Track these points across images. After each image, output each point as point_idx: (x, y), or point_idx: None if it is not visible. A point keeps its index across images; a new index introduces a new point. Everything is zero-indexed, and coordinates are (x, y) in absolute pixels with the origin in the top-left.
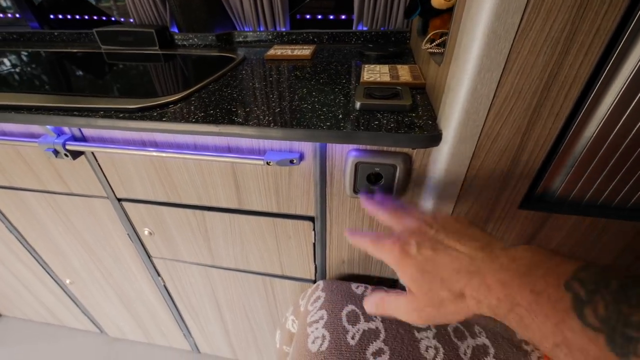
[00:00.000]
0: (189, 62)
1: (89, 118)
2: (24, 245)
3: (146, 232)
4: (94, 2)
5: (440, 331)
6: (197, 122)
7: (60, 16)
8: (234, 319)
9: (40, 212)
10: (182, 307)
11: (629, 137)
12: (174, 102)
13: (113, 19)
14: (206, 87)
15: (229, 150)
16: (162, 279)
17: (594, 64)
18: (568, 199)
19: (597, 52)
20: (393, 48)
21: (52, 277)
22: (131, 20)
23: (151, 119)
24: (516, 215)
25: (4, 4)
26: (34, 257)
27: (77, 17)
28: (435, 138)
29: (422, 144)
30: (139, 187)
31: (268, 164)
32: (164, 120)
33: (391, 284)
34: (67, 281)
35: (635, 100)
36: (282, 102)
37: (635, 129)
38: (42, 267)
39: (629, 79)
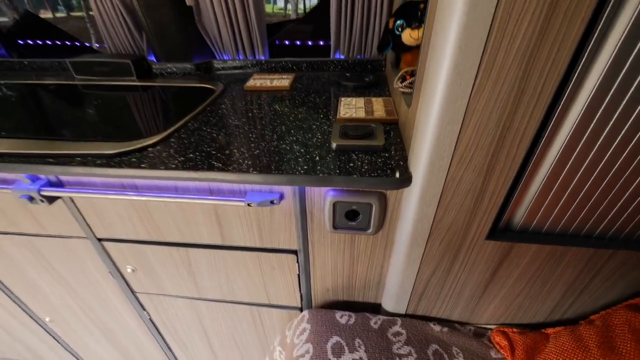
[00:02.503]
0: (168, 95)
1: (65, 166)
2: None
3: (129, 270)
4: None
5: (421, 355)
6: (176, 168)
7: (29, 42)
8: (224, 348)
9: (15, 254)
10: (170, 339)
11: (579, 173)
12: (153, 145)
13: (87, 44)
14: (185, 125)
15: (210, 192)
16: (147, 312)
17: (542, 113)
18: (529, 229)
19: (544, 104)
20: (369, 77)
21: (31, 317)
22: (105, 45)
23: (130, 165)
24: (484, 245)
25: None
26: (10, 298)
27: (49, 42)
28: (405, 180)
29: (394, 186)
30: (119, 227)
31: (249, 205)
32: (143, 167)
33: (373, 308)
34: (47, 319)
35: (583, 140)
36: (261, 143)
37: (584, 166)
38: (20, 306)
39: (576, 123)
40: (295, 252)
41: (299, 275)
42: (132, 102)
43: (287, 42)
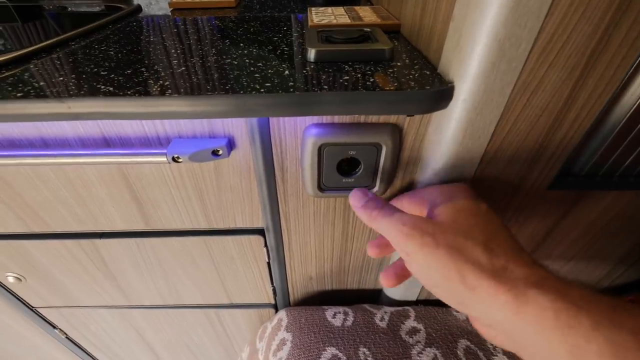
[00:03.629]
0: (54, 17)
1: None
2: None
3: (10, 279)
4: None
5: (450, 359)
6: (24, 97)
7: None
8: (178, 359)
9: None
10: (102, 357)
11: None
12: None
13: None
14: (65, 43)
15: (106, 143)
16: (60, 331)
17: None
18: (599, 173)
19: None
20: None
21: None
22: None
23: None
24: (542, 198)
25: None
26: None
27: None
28: (443, 94)
29: (423, 106)
30: None
31: (175, 160)
32: None
33: (372, 296)
34: None
35: None
36: (191, 59)
37: None
38: None
39: None
40: (261, 232)
41: (268, 263)
42: None
43: None
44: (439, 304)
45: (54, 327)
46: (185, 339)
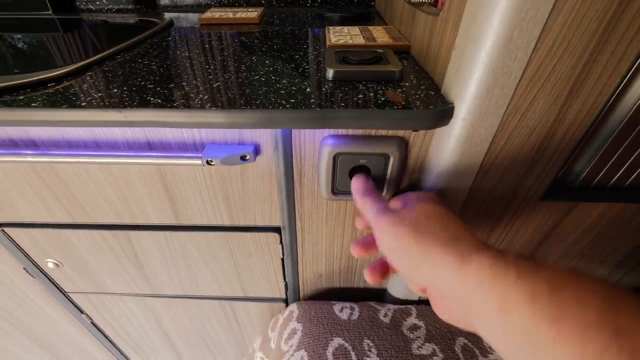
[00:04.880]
0: (94, 29)
1: None
2: None
3: (50, 265)
4: None
5: (448, 354)
6: (88, 107)
7: None
8: (192, 351)
9: None
10: (122, 344)
11: None
12: (56, 79)
13: None
14: (112, 57)
15: (149, 147)
16: (87, 316)
17: None
18: (591, 185)
19: None
20: (359, 9)
21: None
22: None
23: (12, 104)
24: (536, 209)
25: None
26: None
27: None
28: (445, 113)
29: (427, 123)
30: (23, 207)
31: (209, 163)
32: (35, 107)
33: (377, 294)
34: None
35: None
36: (224, 74)
37: None
38: None
39: None
40: (278, 230)
41: (282, 259)
42: (40, 37)
43: None
44: None
45: (82, 311)
46: (199, 329)
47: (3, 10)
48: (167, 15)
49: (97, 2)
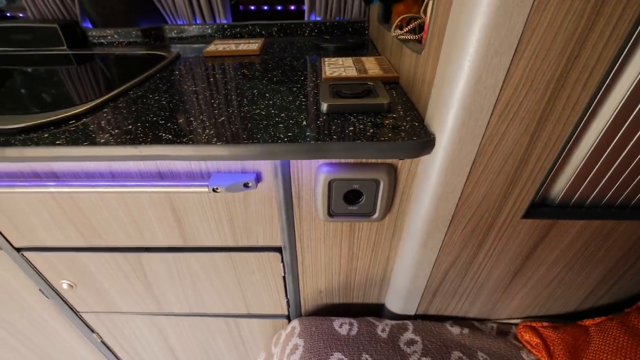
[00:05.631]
0: (106, 64)
1: None
2: None
3: (64, 286)
4: None
5: None
6: (106, 143)
7: None
8: None
9: None
10: None
11: None
12: (76, 117)
13: (9, 14)
14: (125, 94)
15: (160, 176)
16: (97, 335)
17: (623, 37)
18: (570, 203)
19: (628, 23)
20: (352, 39)
21: None
22: (22, 15)
23: (39, 142)
24: (519, 226)
25: None
26: None
27: None
28: (427, 144)
29: (411, 153)
30: (42, 232)
31: (215, 190)
32: (58, 144)
33: (375, 309)
34: None
35: None
36: (228, 109)
37: None
38: None
39: None
40: (279, 250)
41: (284, 277)
42: (57, 72)
43: (252, 8)
44: (435, 319)
45: (92, 330)
46: (204, 345)
47: (23, 46)
48: (174, 48)
49: (109, 37)
